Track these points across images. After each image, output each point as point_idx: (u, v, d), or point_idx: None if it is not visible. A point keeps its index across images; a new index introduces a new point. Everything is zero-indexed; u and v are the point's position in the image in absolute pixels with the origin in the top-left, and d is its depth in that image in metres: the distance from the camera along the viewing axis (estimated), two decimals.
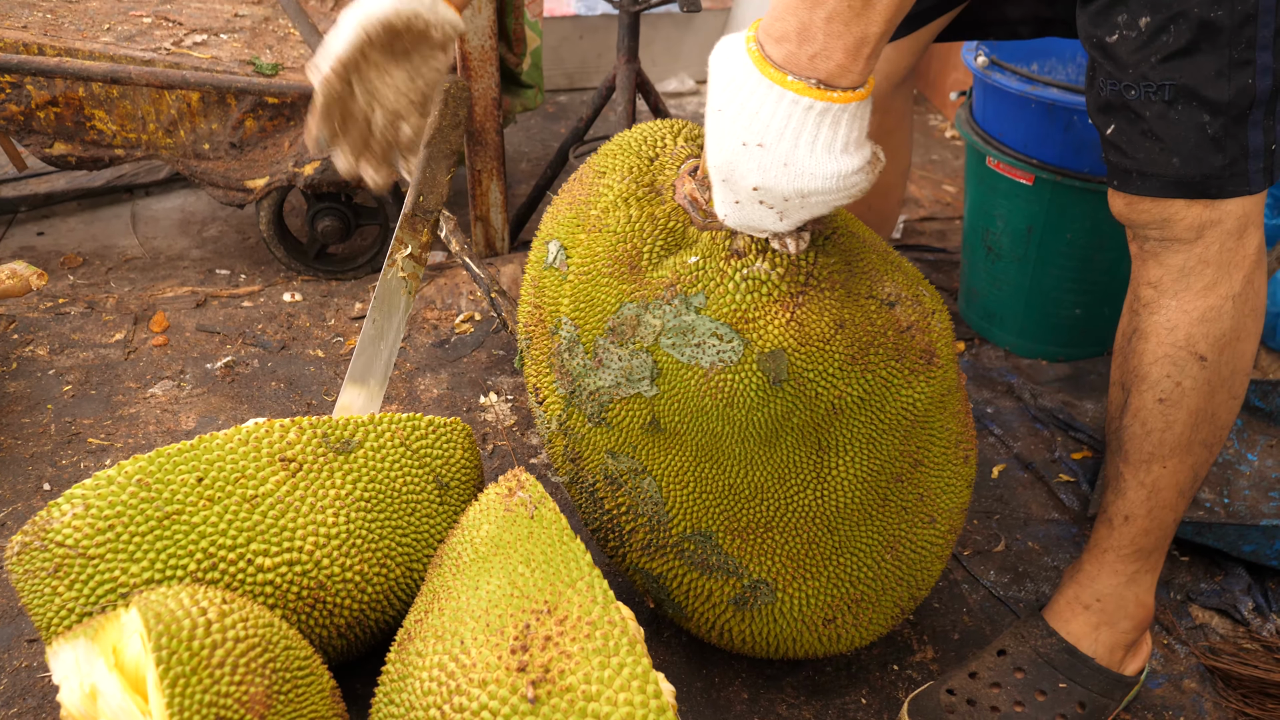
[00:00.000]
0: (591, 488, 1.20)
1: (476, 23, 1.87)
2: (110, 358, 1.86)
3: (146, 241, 2.26)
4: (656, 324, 1.04)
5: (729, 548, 1.14)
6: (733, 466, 1.09)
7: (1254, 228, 1.08)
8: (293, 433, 1.15)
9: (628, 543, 1.21)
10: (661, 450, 1.11)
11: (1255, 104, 1.01)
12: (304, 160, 1.96)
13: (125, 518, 1.05)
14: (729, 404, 1.03)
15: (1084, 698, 1.21)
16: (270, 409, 1.76)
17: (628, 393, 1.08)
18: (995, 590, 1.47)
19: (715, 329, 1.01)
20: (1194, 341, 1.11)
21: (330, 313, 2.03)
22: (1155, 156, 1.05)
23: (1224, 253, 1.08)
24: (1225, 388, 1.13)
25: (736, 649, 1.25)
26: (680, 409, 1.06)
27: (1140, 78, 1.03)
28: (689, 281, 1.03)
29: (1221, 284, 1.09)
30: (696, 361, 1.02)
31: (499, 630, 0.91)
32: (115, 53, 1.92)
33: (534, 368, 1.22)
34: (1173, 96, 1.02)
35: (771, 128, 0.89)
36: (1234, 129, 1.02)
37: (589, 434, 1.15)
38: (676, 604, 1.22)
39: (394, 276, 1.37)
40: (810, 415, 1.06)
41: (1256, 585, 1.48)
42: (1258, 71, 1.00)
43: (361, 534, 1.14)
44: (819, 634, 1.20)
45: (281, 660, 0.93)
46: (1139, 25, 1.01)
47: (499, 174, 2.06)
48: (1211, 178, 1.04)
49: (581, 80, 3.22)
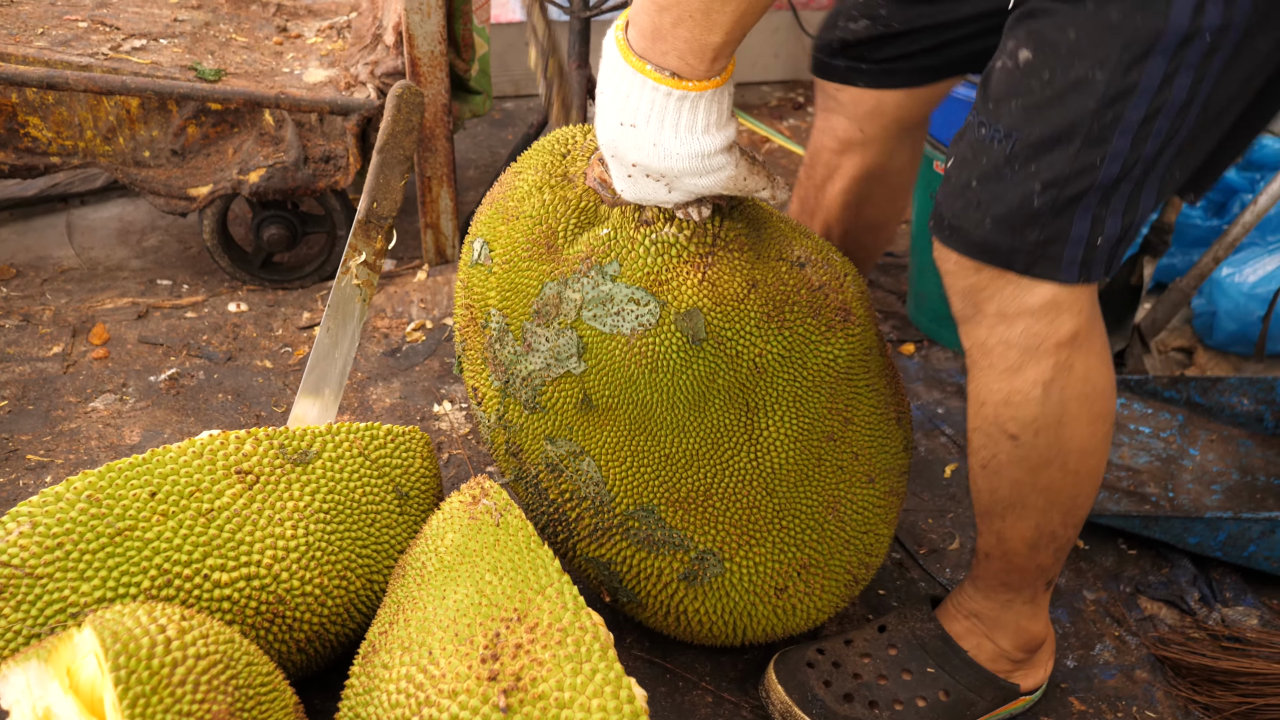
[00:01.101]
0: (535, 480, 1.21)
1: (426, 28, 1.86)
2: (48, 371, 1.80)
3: (83, 252, 2.20)
4: (576, 298, 1.07)
5: (672, 520, 1.16)
6: (665, 436, 1.12)
7: (1068, 314, 1.00)
8: (249, 444, 1.13)
9: (575, 532, 1.22)
10: (596, 428, 1.13)
11: (1093, 189, 0.94)
12: (249, 167, 1.93)
13: (75, 535, 1.02)
14: (653, 368, 1.06)
15: (949, 687, 1.22)
16: (218, 421, 1.72)
17: (558, 373, 1.11)
18: (951, 588, 1.49)
19: (632, 294, 1.05)
20: (1002, 421, 1.06)
21: (277, 322, 2.00)
22: (972, 210, 0.98)
23: (1028, 336, 1.01)
24: (1053, 465, 1.07)
25: (695, 636, 1.25)
26: (609, 382, 1.09)
27: (994, 117, 0.96)
28: (602, 252, 1.07)
29: (1028, 368, 1.02)
30: (618, 330, 1.06)
31: (468, 639, 0.90)
32: (50, 58, 1.87)
33: (471, 368, 1.24)
34: (1014, 150, 0.94)
35: (640, 110, 0.94)
36: (1061, 208, 0.94)
37: (526, 423, 1.17)
38: (630, 590, 1.22)
39: (348, 284, 1.35)
40: (734, 375, 1.09)
41: (1201, 576, 1.52)
42: (1109, 155, 0.92)
43: (321, 546, 1.12)
44: (773, 606, 1.22)
45: (244, 677, 0.90)
46: (1018, 58, 0.94)
47: (449, 180, 2.04)
48: (1019, 251, 0.97)
49: (528, 87, 3.21)
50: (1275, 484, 1.62)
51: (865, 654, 1.25)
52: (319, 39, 2.28)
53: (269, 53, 2.16)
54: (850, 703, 1.21)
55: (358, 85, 1.99)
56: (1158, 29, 0.87)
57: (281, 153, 1.94)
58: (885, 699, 1.21)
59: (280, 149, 1.95)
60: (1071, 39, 0.90)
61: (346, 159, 1.96)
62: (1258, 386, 1.71)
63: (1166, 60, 0.88)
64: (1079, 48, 0.90)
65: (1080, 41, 0.90)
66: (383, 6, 2.17)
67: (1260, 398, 1.71)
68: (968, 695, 1.22)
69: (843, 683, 1.23)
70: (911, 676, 1.23)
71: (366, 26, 2.23)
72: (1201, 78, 0.90)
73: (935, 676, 1.22)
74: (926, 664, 1.23)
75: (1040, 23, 0.92)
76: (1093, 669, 1.38)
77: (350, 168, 1.96)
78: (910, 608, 1.29)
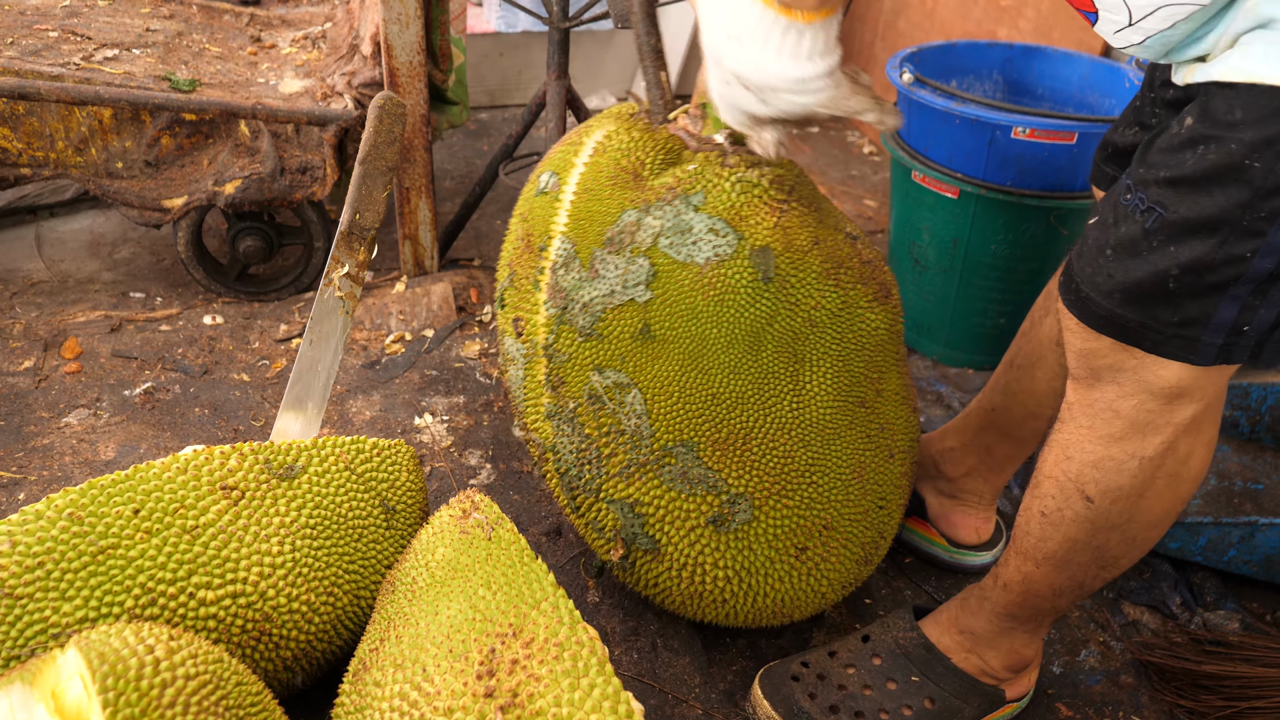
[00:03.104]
0: (571, 414, 1.21)
1: (405, 38, 1.85)
2: (19, 386, 1.77)
3: (53, 264, 2.16)
4: (656, 225, 1.13)
5: (710, 460, 1.17)
6: (718, 374, 1.15)
7: (1190, 398, 0.94)
8: (233, 459, 1.11)
9: (605, 469, 1.20)
10: (650, 359, 1.15)
11: (1242, 279, 0.85)
12: (224, 179, 1.90)
13: (56, 554, 0.99)
14: (720, 301, 1.12)
15: (934, 694, 1.22)
16: (196, 436, 1.70)
17: (622, 300, 1.15)
18: (937, 596, 1.50)
19: (712, 224, 1.13)
20: (1084, 482, 1.02)
21: (254, 335, 1.97)
22: (1102, 279, 0.93)
23: (1140, 412, 0.96)
24: (1116, 532, 1.05)
25: (704, 599, 1.23)
26: (673, 312, 1.13)
27: (1142, 184, 0.89)
28: (689, 184, 1.15)
29: (1130, 440, 0.98)
30: (692, 259, 1.12)
31: (463, 655, 0.89)
32: (20, 67, 1.83)
33: (515, 298, 1.26)
34: (1156, 225, 0.87)
35: (746, 28, 0.97)
36: (1200, 292, 0.87)
37: (577, 351, 1.18)
38: (650, 537, 1.20)
39: (331, 296, 1.34)
40: (790, 323, 1.15)
41: (1183, 581, 1.53)
42: (1264, 249, 0.83)
43: (308, 562, 1.10)
44: (791, 567, 1.22)
45: (234, 697, 0.89)
46: (1184, 125, 0.86)
47: (428, 191, 2.03)
48: (1149, 329, 0.91)
49: (503, 98, 3.20)
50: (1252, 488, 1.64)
51: (850, 665, 1.25)
52: (294, 49, 2.26)
53: (243, 63, 2.14)
54: (836, 714, 1.21)
55: (334, 96, 1.98)
56: None
57: (257, 164, 1.92)
58: (871, 709, 1.21)
59: (256, 160, 1.93)
60: (1237, 118, 0.81)
61: (324, 170, 1.94)
62: (1233, 393, 1.73)
63: None
64: (1241, 129, 0.81)
65: (1244, 122, 0.81)
66: (359, 17, 2.16)
67: (1235, 403, 1.73)
68: (953, 702, 1.22)
69: (828, 694, 1.23)
70: (896, 686, 1.23)
71: (343, 37, 2.21)
72: None
73: (920, 685, 1.22)
74: (911, 673, 1.23)
75: (1212, 97, 0.84)
76: (1078, 675, 1.39)
77: (327, 179, 1.94)
78: (893, 617, 1.29)
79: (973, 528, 1.53)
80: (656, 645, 1.36)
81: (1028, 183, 1.75)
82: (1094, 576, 1.10)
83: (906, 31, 2.95)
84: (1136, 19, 0.88)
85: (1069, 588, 1.12)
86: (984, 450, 1.48)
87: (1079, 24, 2.27)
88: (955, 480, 1.52)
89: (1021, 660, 1.23)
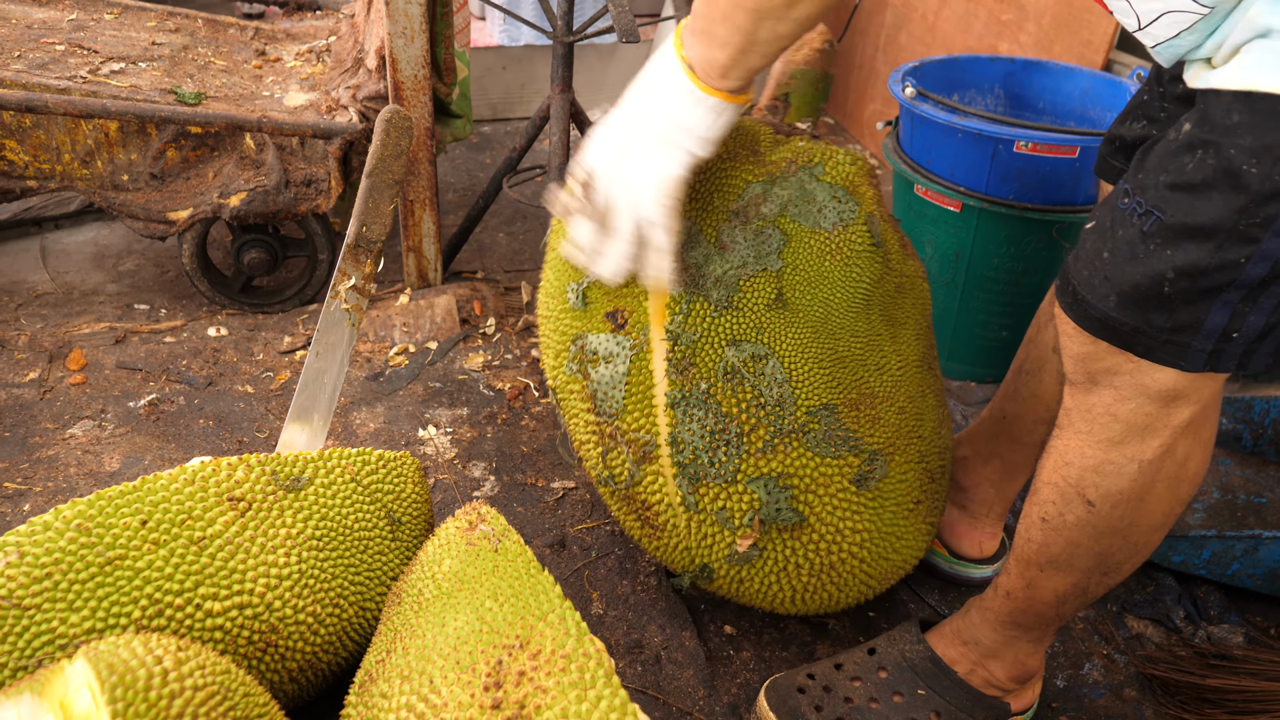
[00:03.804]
0: (704, 396, 1.19)
1: (410, 52, 1.86)
2: (24, 398, 1.77)
3: (58, 276, 2.17)
4: (783, 195, 1.21)
5: (848, 420, 1.21)
6: (843, 337, 1.22)
7: (1185, 401, 0.95)
8: (240, 471, 1.11)
9: (745, 448, 1.18)
10: (784, 327, 1.19)
11: (1235, 285, 0.86)
12: (230, 191, 1.91)
13: (64, 565, 1.00)
14: (846, 264, 1.21)
15: (940, 708, 1.21)
16: (200, 448, 1.70)
17: (755, 270, 1.19)
18: (940, 609, 1.50)
19: (833, 192, 1.22)
20: (1084, 486, 1.03)
21: (258, 347, 1.98)
22: (1098, 283, 0.94)
23: (1138, 415, 0.97)
24: (1117, 536, 1.05)
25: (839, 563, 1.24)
26: (804, 278, 1.20)
27: (1140, 189, 0.90)
28: (807, 157, 1.25)
29: (1129, 444, 0.99)
30: (819, 226, 1.21)
31: (470, 667, 0.89)
32: (28, 80, 1.85)
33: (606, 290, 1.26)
34: (1153, 230, 0.88)
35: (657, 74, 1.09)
36: (1194, 297, 0.88)
37: (710, 327, 1.20)
38: (794, 510, 1.20)
39: (337, 308, 1.34)
40: (886, 287, 1.25)
41: (1186, 594, 1.53)
42: (1258, 255, 0.84)
43: (314, 574, 1.11)
44: (909, 521, 1.29)
45: (242, 708, 0.89)
46: (1183, 130, 0.87)
47: (432, 204, 2.04)
48: (1142, 333, 0.92)
49: (505, 111, 3.21)
50: (1256, 502, 1.64)
51: (855, 677, 1.25)
52: (298, 63, 2.27)
53: (248, 76, 2.15)
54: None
55: (339, 109, 1.99)
56: None
57: (262, 176, 1.93)
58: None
59: (261, 173, 1.94)
60: (1234, 122, 0.82)
61: (328, 182, 1.95)
62: (1235, 406, 1.74)
63: None
64: (1239, 134, 0.82)
65: (1242, 128, 0.82)
66: (364, 30, 2.17)
67: (1238, 417, 1.74)
68: (959, 716, 1.22)
69: (834, 707, 1.22)
70: (902, 699, 1.22)
71: (347, 50, 2.23)
72: None
73: (926, 698, 1.22)
74: (917, 686, 1.23)
75: (1211, 103, 0.85)
76: (1082, 688, 1.39)
77: (332, 191, 1.95)
78: (900, 630, 1.29)
79: (977, 541, 1.53)
80: (661, 658, 1.36)
81: (1030, 196, 1.76)
82: (1097, 583, 1.10)
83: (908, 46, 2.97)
84: (1144, 24, 0.89)
85: (1072, 594, 1.12)
86: (996, 457, 1.49)
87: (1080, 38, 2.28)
88: (967, 490, 1.52)
89: (1026, 671, 1.23)
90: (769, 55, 1.04)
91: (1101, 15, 2.21)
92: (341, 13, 2.53)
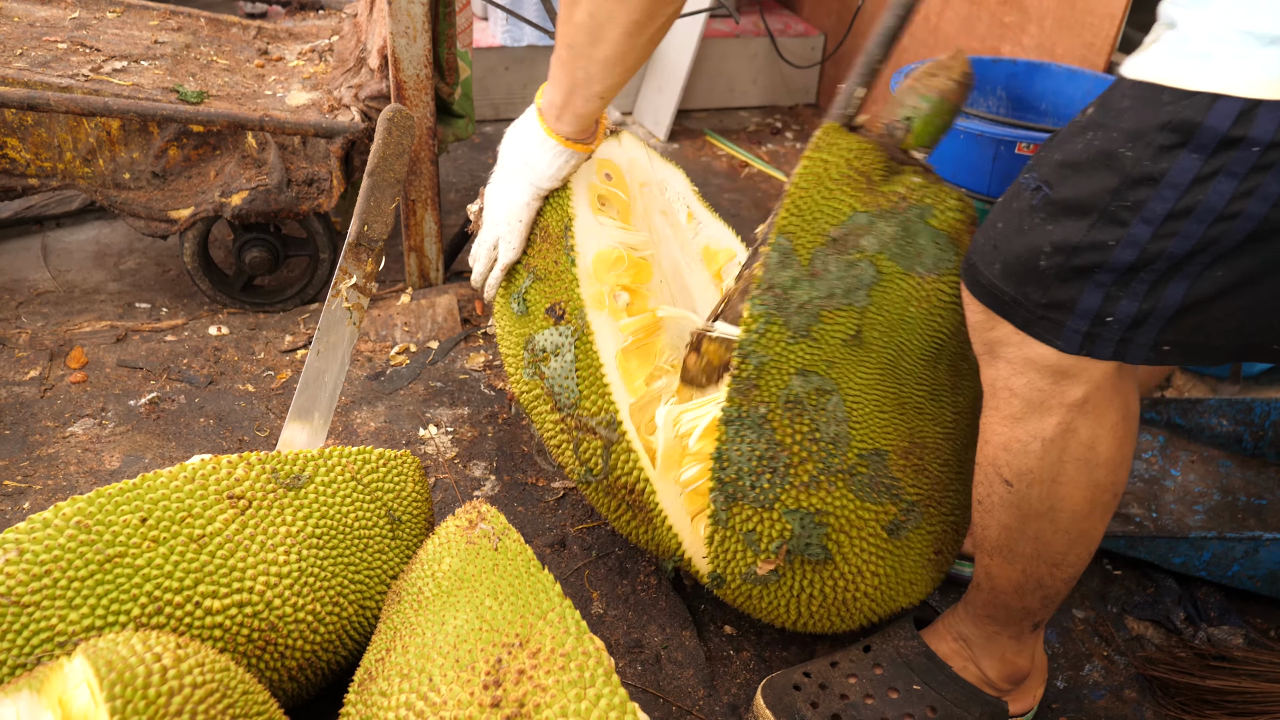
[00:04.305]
0: (761, 420, 1.15)
1: (412, 51, 1.86)
2: (25, 396, 1.77)
3: (59, 275, 2.17)
4: (888, 231, 1.15)
5: (895, 469, 1.19)
6: (908, 383, 1.18)
7: (1075, 381, 0.97)
8: (241, 469, 1.11)
9: (789, 477, 1.16)
10: (855, 365, 1.16)
11: (1104, 268, 0.89)
12: (231, 190, 1.91)
13: (63, 562, 1.00)
14: (931, 311, 1.17)
15: (936, 703, 1.22)
16: (200, 446, 1.70)
17: (841, 303, 1.15)
18: (938, 608, 1.49)
19: (935, 237, 1.18)
20: (999, 465, 1.05)
21: (259, 346, 1.98)
22: (988, 250, 0.99)
23: (1032, 390, 0.99)
24: (1043, 519, 1.06)
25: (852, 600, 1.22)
26: (886, 320, 1.16)
27: (1037, 163, 0.96)
28: (919, 195, 1.20)
29: (1029, 420, 1.01)
30: (913, 270, 1.16)
31: (469, 666, 0.89)
32: (30, 79, 1.85)
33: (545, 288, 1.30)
34: (1039, 203, 0.93)
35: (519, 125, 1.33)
36: (1067, 275, 0.91)
37: (782, 353, 1.16)
38: (823, 547, 1.18)
39: (338, 307, 1.34)
40: (961, 339, 1.21)
41: (1186, 596, 1.53)
42: (1126, 239, 0.87)
43: (314, 572, 1.11)
44: (927, 568, 1.27)
45: (240, 706, 0.89)
46: (1086, 113, 0.93)
47: (434, 204, 2.04)
48: (1020, 305, 0.96)
49: (508, 111, 3.22)
50: (1256, 504, 1.64)
51: (851, 674, 1.25)
52: (301, 62, 2.27)
53: (251, 75, 2.15)
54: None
55: (341, 108, 1.99)
56: (1194, 122, 0.82)
57: (264, 175, 1.93)
58: (873, 718, 1.21)
59: (263, 172, 1.94)
60: (1124, 107, 0.87)
61: (330, 182, 1.95)
62: (1236, 408, 1.74)
63: (1202, 159, 0.83)
64: (1124, 118, 0.86)
65: (1128, 112, 0.86)
66: (366, 30, 2.17)
67: (1239, 419, 1.73)
68: (955, 711, 1.22)
69: (830, 704, 1.23)
70: (898, 694, 1.23)
71: (349, 50, 2.23)
72: (1250, 192, 0.82)
73: (921, 693, 1.22)
74: (912, 681, 1.23)
75: (1114, 89, 0.90)
76: (1082, 689, 1.39)
77: (334, 191, 1.95)
78: (895, 627, 1.29)
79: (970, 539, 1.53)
80: (660, 658, 1.36)
81: None
82: (1049, 574, 1.11)
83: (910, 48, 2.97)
84: None
85: (1029, 585, 1.12)
86: None
87: (1082, 41, 2.28)
88: None
89: (1016, 670, 1.23)
90: (590, 100, 1.19)
91: (1104, 18, 2.21)
92: (344, 12, 2.53)
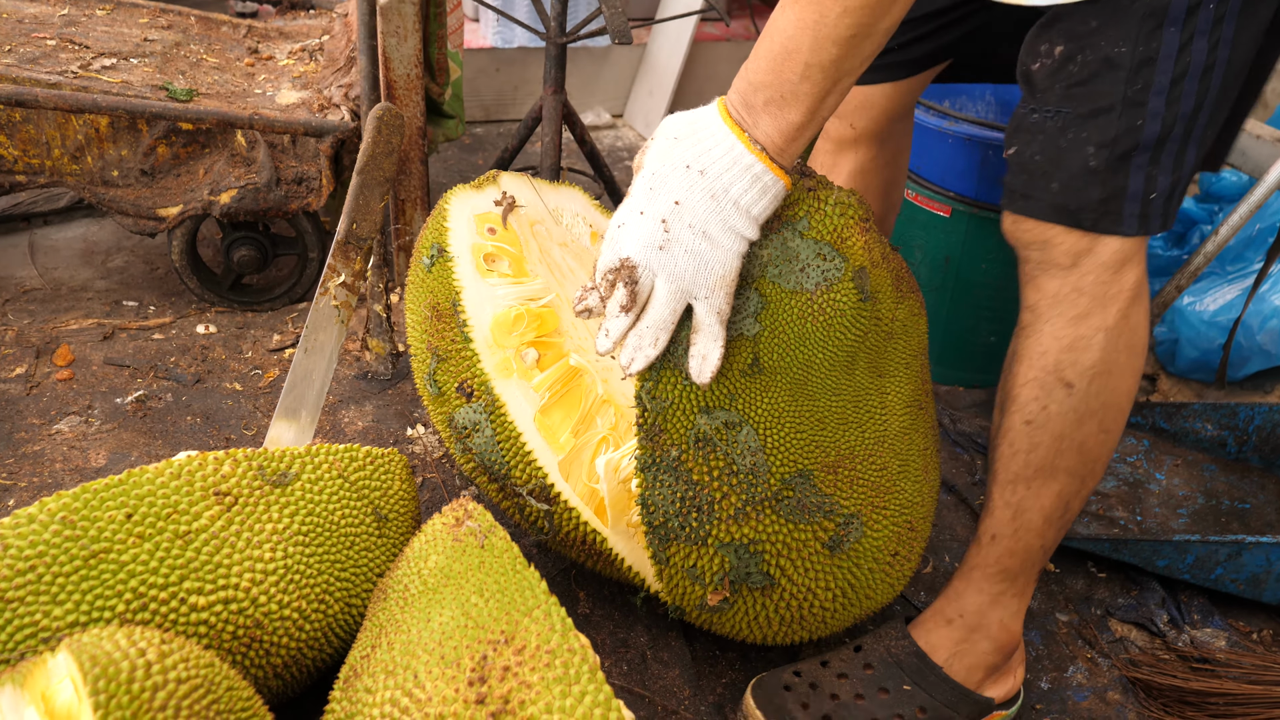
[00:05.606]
0: (674, 463, 1.14)
1: (402, 51, 1.86)
2: (10, 393, 1.76)
3: (47, 272, 2.16)
4: (765, 255, 1.11)
5: (824, 486, 1.17)
6: (822, 398, 1.16)
7: (1132, 265, 1.10)
8: (227, 465, 1.11)
9: (715, 514, 1.14)
10: (759, 393, 1.14)
11: (1140, 147, 1.04)
12: (220, 188, 1.91)
13: (48, 558, 0.99)
14: (829, 324, 1.13)
15: (926, 704, 1.23)
16: (187, 444, 1.69)
17: (731, 335, 1.12)
18: None
19: (818, 249, 1.13)
20: (1062, 368, 1.12)
21: (247, 345, 1.97)
22: (1039, 179, 1.09)
23: (1098, 285, 1.10)
24: (1094, 419, 1.14)
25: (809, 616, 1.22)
26: (782, 342, 1.13)
27: (1044, 103, 1.08)
28: (791, 210, 1.13)
29: (1094, 315, 1.10)
30: (801, 286, 1.12)
31: (454, 662, 0.89)
32: (18, 75, 1.84)
33: (450, 367, 1.25)
34: (1065, 124, 1.06)
35: (713, 161, 1.03)
36: (1116, 165, 1.05)
37: (681, 396, 1.12)
38: (765, 574, 1.17)
39: (326, 305, 1.34)
40: (875, 338, 1.18)
41: (1170, 598, 1.54)
42: (1148, 115, 1.03)
43: (300, 569, 1.10)
44: (888, 571, 1.25)
45: (225, 702, 0.89)
46: (1054, 54, 1.06)
47: (424, 204, 2.04)
48: (1086, 209, 1.07)
49: (498, 112, 3.22)
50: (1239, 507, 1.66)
51: (841, 674, 1.26)
52: (291, 61, 2.27)
53: (240, 74, 2.15)
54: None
55: (331, 107, 1.99)
56: (1163, 4, 1.00)
57: (253, 174, 1.93)
58: (863, 718, 1.21)
59: (252, 170, 1.93)
60: (1094, 27, 1.03)
61: (319, 181, 1.95)
62: (1220, 412, 1.75)
63: (1179, 29, 1.01)
64: (1102, 32, 1.02)
65: (1102, 27, 1.02)
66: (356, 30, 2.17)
67: (1223, 423, 1.75)
68: (944, 711, 1.22)
69: (820, 704, 1.23)
70: (888, 695, 1.23)
71: (340, 49, 2.23)
72: (1216, 43, 1.02)
73: (911, 693, 1.23)
74: (903, 681, 1.24)
75: (1067, 22, 1.05)
76: (1066, 691, 1.39)
77: (323, 189, 1.95)
78: (886, 627, 1.30)
79: None
80: (646, 657, 1.37)
81: None
82: (1077, 492, 1.17)
83: None
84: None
85: (1057, 511, 1.18)
86: None
87: None
88: None
89: (1012, 638, 1.25)
90: (828, 113, 1.05)
91: None
92: (334, 12, 2.53)
